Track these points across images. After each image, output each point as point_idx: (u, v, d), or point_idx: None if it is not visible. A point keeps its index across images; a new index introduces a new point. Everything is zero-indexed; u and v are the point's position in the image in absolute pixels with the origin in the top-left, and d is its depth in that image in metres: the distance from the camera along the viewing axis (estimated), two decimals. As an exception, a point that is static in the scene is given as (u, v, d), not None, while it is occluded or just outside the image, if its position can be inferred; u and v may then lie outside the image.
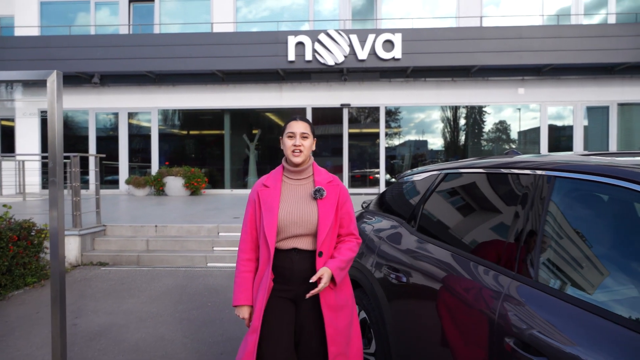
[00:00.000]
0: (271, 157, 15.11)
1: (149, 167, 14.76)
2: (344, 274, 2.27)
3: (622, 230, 1.61)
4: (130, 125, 14.91)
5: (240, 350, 2.25)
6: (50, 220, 3.29)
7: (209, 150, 15.28)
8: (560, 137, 14.72)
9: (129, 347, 3.91)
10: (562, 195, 1.82)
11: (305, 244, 2.25)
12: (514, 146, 14.99)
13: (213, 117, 15.02)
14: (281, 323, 2.23)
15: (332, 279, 2.20)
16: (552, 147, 14.61)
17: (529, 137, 14.72)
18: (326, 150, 14.85)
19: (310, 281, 2.15)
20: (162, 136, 14.96)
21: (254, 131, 15.03)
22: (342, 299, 2.27)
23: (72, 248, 6.63)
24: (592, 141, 14.42)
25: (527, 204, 1.94)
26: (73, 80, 14.16)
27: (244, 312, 2.27)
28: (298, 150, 2.26)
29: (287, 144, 2.27)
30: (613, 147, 14.27)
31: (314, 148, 2.36)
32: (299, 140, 2.26)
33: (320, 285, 2.12)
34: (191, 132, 15.42)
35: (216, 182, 14.87)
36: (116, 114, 14.80)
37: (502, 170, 2.23)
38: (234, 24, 14.78)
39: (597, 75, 13.94)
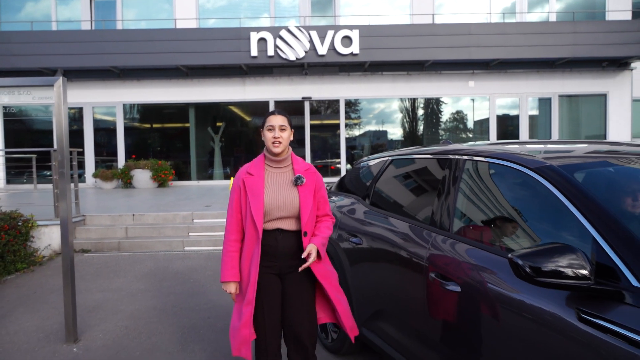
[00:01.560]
0: (235, 149, 15.63)
1: (115, 160, 15.03)
2: (325, 248, 2.63)
3: (510, 196, 2.34)
4: (95, 120, 15.12)
5: (235, 321, 2.57)
6: (60, 209, 3.85)
7: (175, 143, 15.66)
8: (508, 127, 15.81)
9: (126, 316, 4.48)
10: (469, 173, 2.55)
11: (288, 225, 2.55)
12: (470, 135, 15.99)
13: (178, 110, 15.40)
14: (273, 295, 2.55)
15: (318, 254, 2.54)
16: (501, 136, 15.69)
17: (481, 127, 15.74)
18: (290, 142, 15.44)
19: (302, 257, 2.47)
20: (128, 130, 15.24)
21: (218, 124, 15.50)
22: (329, 269, 2.64)
23: (55, 237, 7.06)
24: (536, 129, 15.58)
25: (447, 180, 2.66)
26: (36, 76, 14.25)
27: (231, 288, 2.55)
28: (277, 142, 2.56)
29: (268, 136, 2.58)
30: (555, 134, 15.46)
31: (291, 138, 2.67)
32: (277, 133, 2.56)
33: (310, 260, 2.45)
34: (157, 126, 15.74)
35: (182, 174, 15.29)
36: (81, 109, 14.97)
37: (432, 155, 2.95)
38: (196, 20, 15.16)
39: (540, 69, 15.05)
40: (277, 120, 2.59)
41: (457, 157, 2.70)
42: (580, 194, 1.90)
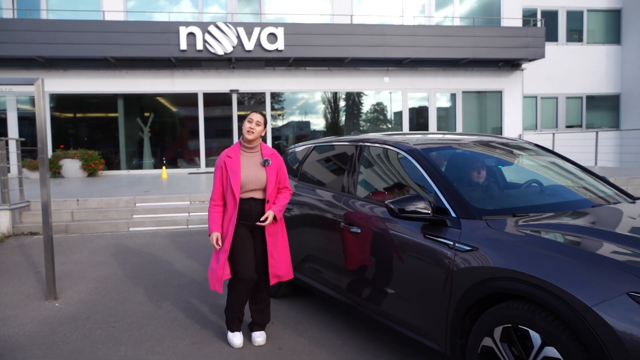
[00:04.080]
0: (164, 139, 16.16)
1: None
2: (282, 214, 3.60)
3: (392, 169, 3.49)
4: (20, 110, 15.05)
5: (213, 264, 3.47)
6: (42, 194, 4.62)
7: (104, 133, 15.91)
8: (420, 119, 17.50)
9: (92, 280, 5.28)
10: (368, 155, 3.69)
11: (258, 195, 3.50)
12: (388, 126, 17.52)
13: (106, 101, 15.65)
14: (246, 240, 3.47)
15: (274, 217, 3.51)
16: (414, 127, 17.37)
17: (397, 119, 17.31)
18: (218, 132, 16.24)
19: (261, 219, 3.44)
20: (55, 120, 15.29)
21: (146, 114, 15.92)
22: (278, 229, 3.65)
23: (3, 221, 7.54)
24: (444, 121, 17.38)
25: (352, 159, 3.79)
26: (-45, 63, 14.00)
27: (215, 237, 3.44)
28: (251, 132, 3.45)
29: (246, 126, 3.48)
30: (459, 126, 17.32)
31: (263, 134, 3.55)
32: (253, 125, 3.47)
33: (267, 222, 3.43)
34: (85, 116, 15.90)
35: (112, 164, 15.59)
36: (4, 98, 14.85)
37: (344, 143, 4.07)
38: (124, 13, 15.44)
39: (446, 68, 16.79)
40: (256, 117, 3.53)
41: (360, 144, 3.83)
42: (430, 166, 3.09)
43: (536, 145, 4.01)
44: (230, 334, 3.64)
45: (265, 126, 3.60)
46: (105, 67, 15.00)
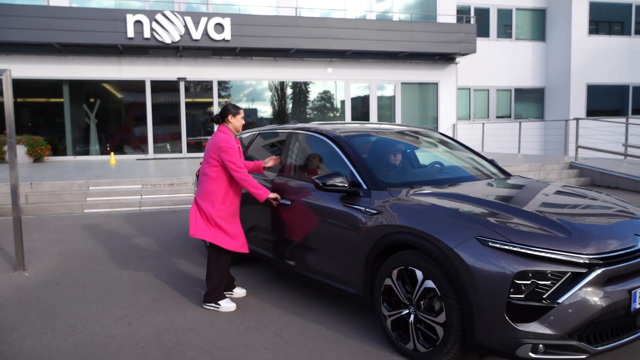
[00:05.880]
0: (111, 125, 16.33)
1: (-16, 136, 14.92)
2: None
3: (319, 152, 4.26)
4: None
5: (232, 233, 4.05)
6: (11, 177, 5.07)
7: (50, 119, 15.90)
8: (361, 108, 18.44)
9: (56, 254, 5.79)
10: (299, 141, 4.45)
11: None
12: (332, 114, 18.38)
13: (52, 87, 15.64)
14: None
15: None
16: (358, 116, 18.31)
17: (342, 108, 18.15)
18: (166, 119, 16.57)
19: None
20: (-3, 105, 15.14)
21: (92, 100, 16.03)
22: None
23: (-42, 204, 7.81)
24: (385, 110, 18.40)
25: (289, 144, 4.54)
26: None
27: (274, 195, 4.09)
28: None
29: (240, 121, 4.12)
30: (399, 115, 18.40)
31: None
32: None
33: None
34: (29, 101, 15.83)
35: (58, 150, 15.64)
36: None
37: (283, 130, 4.81)
38: (69, -1, 15.42)
39: (386, 60, 17.76)
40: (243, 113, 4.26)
41: (296, 131, 4.58)
42: (349, 149, 3.87)
43: (442, 134, 4.91)
44: (224, 302, 4.10)
45: None
46: (50, 52, 14.99)
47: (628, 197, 9.24)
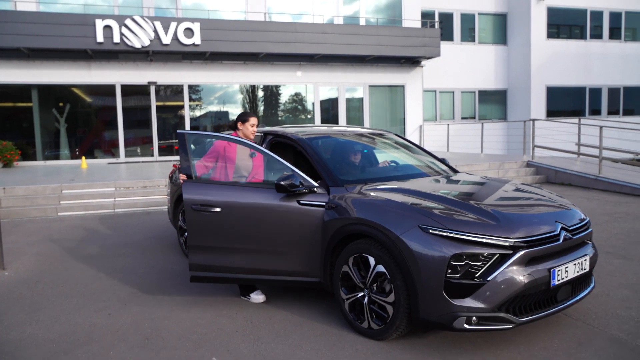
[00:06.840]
0: (81, 129, 16.35)
1: (-50, 141, 14.80)
2: None
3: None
4: None
5: None
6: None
7: (18, 124, 15.82)
8: (331, 110, 18.89)
9: (34, 255, 6.02)
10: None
11: None
12: (303, 116, 18.72)
13: (20, 91, 15.57)
14: None
15: None
16: (329, 118, 18.77)
17: (310, 110, 18.54)
18: (136, 123, 16.68)
19: None
20: (-36, 110, 15.05)
21: (61, 104, 16.03)
22: None
23: None
24: (353, 112, 18.87)
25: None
26: None
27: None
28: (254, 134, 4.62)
29: (250, 129, 4.52)
30: (367, 117, 18.90)
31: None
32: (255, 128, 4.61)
33: None
34: (-3, 107, 15.75)
35: (28, 155, 15.58)
36: None
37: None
38: (36, 3, 15.42)
39: (354, 63, 18.23)
40: (256, 120, 4.61)
41: (264, 134, 4.94)
42: (311, 150, 4.26)
43: (397, 135, 5.35)
44: (254, 294, 4.34)
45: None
46: (18, 57, 14.95)
47: (579, 193, 9.90)
